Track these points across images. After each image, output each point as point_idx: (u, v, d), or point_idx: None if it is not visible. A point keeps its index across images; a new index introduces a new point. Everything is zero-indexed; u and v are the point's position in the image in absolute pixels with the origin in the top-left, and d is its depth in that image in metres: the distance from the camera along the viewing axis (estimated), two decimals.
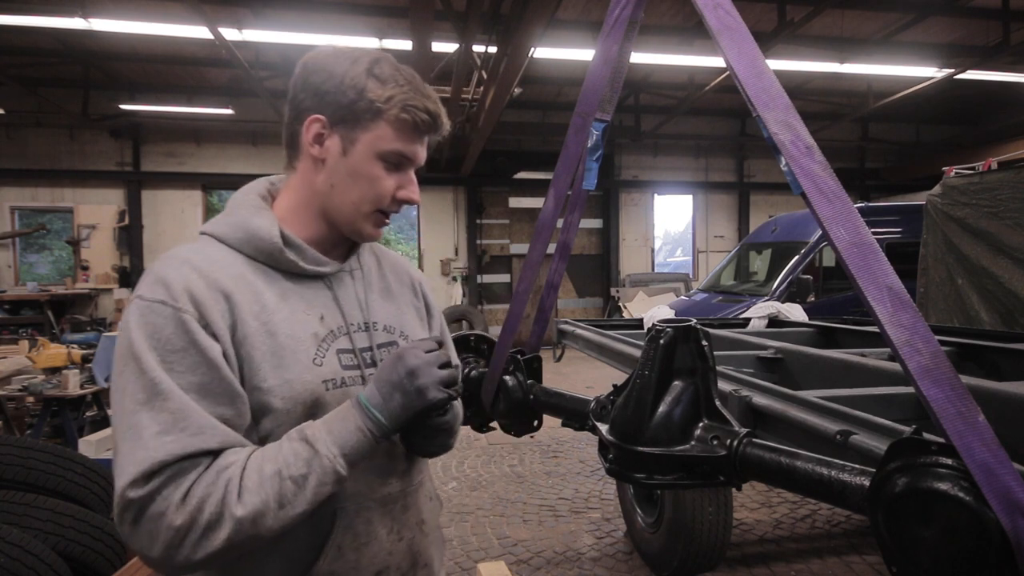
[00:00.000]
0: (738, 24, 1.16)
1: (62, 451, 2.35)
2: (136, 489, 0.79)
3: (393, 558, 1.04)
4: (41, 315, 10.54)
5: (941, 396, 0.85)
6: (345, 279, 1.08)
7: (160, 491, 0.80)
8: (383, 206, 1.02)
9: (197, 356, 0.86)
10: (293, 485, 0.85)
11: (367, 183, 1.00)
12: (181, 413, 0.83)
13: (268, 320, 0.94)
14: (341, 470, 0.89)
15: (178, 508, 0.80)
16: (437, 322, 1.27)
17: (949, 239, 4.72)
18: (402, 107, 0.98)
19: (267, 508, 0.83)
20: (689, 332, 1.16)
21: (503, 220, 13.36)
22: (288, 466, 0.85)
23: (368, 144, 0.98)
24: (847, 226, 0.99)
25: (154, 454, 0.80)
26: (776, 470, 0.99)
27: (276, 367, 0.93)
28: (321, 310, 1.02)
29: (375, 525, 1.02)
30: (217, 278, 0.92)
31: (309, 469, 0.86)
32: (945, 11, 8.47)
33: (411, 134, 1.00)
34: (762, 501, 4.39)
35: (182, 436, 0.82)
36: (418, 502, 1.11)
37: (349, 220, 1.03)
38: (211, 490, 0.81)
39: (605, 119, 1.82)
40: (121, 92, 11.19)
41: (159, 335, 0.85)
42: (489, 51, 7.42)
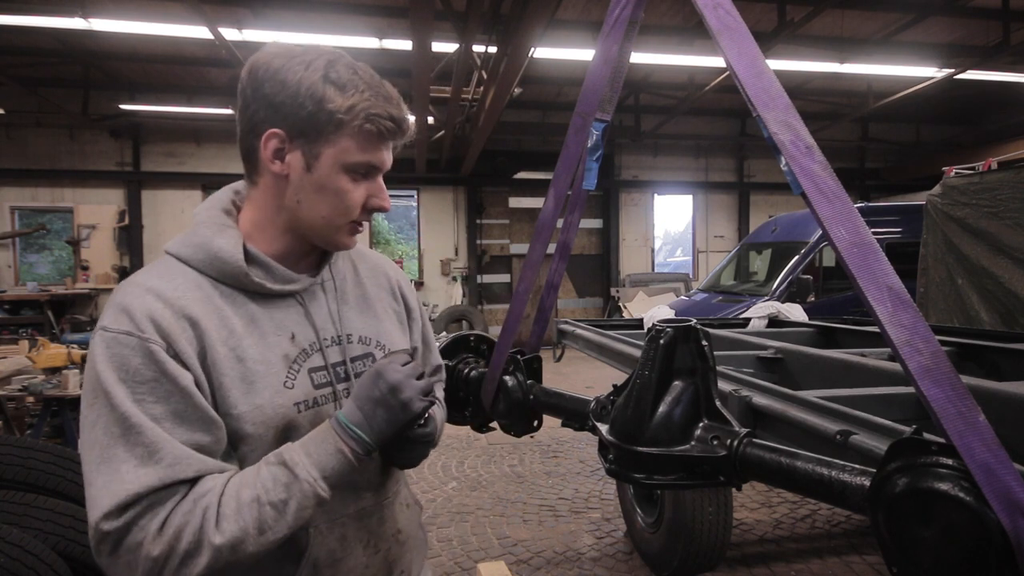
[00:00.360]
0: (738, 24, 1.16)
1: (62, 451, 2.35)
2: (110, 521, 0.78)
3: (369, 570, 1.05)
4: (41, 315, 10.54)
5: (941, 396, 0.85)
6: (318, 293, 1.04)
7: (136, 522, 0.79)
8: (354, 217, 0.99)
9: (169, 385, 0.84)
10: (273, 511, 0.83)
11: (336, 196, 0.95)
12: (155, 445, 0.81)
13: (236, 345, 0.91)
14: (322, 493, 0.88)
15: (155, 538, 0.79)
16: (418, 324, 1.25)
17: (949, 239, 4.72)
18: (365, 117, 0.92)
19: (246, 535, 0.82)
20: (689, 332, 1.16)
21: (503, 220, 13.36)
22: (267, 492, 0.84)
23: (332, 157, 0.93)
24: (847, 226, 0.99)
25: (129, 487, 0.79)
26: (776, 470, 0.99)
27: (246, 393, 0.91)
28: (292, 328, 0.99)
29: (350, 540, 1.01)
30: (183, 305, 0.89)
31: (289, 494, 0.85)
32: (945, 11, 8.47)
33: (376, 143, 0.95)
34: (762, 501, 4.39)
35: (158, 468, 0.80)
36: (394, 513, 1.11)
37: (321, 233, 0.99)
38: (188, 519, 0.80)
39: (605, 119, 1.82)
40: (121, 92, 11.19)
41: (127, 367, 0.83)
42: (489, 51, 7.42)
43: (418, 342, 1.25)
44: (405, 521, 1.14)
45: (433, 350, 1.32)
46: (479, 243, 13.13)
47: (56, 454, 2.30)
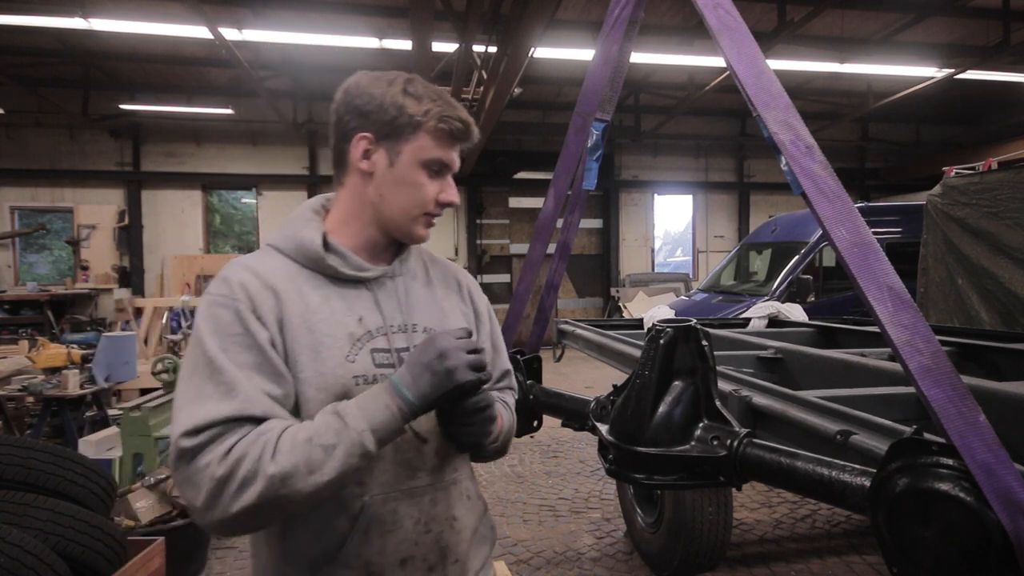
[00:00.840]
0: (738, 24, 1.16)
1: (62, 451, 2.34)
2: (188, 439, 0.92)
3: (419, 548, 1.10)
4: (41, 315, 10.54)
5: (942, 396, 0.85)
6: (387, 284, 1.16)
7: (207, 445, 0.92)
8: (429, 209, 1.12)
9: (250, 340, 0.99)
10: (322, 452, 0.92)
11: (413, 189, 1.11)
12: (233, 384, 0.95)
13: (309, 318, 1.05)
14: (368, 444, 0.95)
15: (220, 461, 0.90)
16: (487, 327, 1.32)
17: (949, 239, 4.72)
18: (439, 118, 1.09)
19: (297, 471, 0.91)
20: (689, 332, 1.16)
21: (503, 220, 13.36)
22: (320, 435, 0.93)
23: (411, 154, 1.09)
24: (847, 226, 0.99)
25: (207, 414, 0.93)
26: (776, 470, 0.99)
27: (312, 360, 1.03)
28: (361, 312, 1.11)
29: (401, 515, 1.09)
30: (269, 279, 1.06)
31: (338, 440, 0.93)
32: (945, 11, 8.47)
33: (448, 142, 1.11)
34: (762, 501, 4.39)
35: (233, 402, 0.94)
36: (450, 499, 1.16)
37: (400, 224, 1.13)
38: (249, 449, 0.91)
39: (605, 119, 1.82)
40: (121, 92, 11.19)
41: (219, 322, 1.00)
42: (489, 51, 7.42)
43: (486, 344, 1.30)
44: (463, 511, 1.18)
45: (502, 354, 1.36)
46: (479, 243, 13.13)
47: (56, 454, 2.30)
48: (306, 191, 12.81)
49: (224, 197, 14.25)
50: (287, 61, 10.36)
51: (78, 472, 2.31)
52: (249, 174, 12.70)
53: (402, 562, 1.08)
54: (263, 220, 12.91)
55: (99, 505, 2.34)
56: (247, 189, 13.30)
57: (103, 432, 4.25)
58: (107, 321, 10.60)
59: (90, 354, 5.15)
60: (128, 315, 9.76)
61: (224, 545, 3.77)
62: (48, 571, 1.91)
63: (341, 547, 1.04)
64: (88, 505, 2.28)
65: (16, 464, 2.18)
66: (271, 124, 11.86)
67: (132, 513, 3.09)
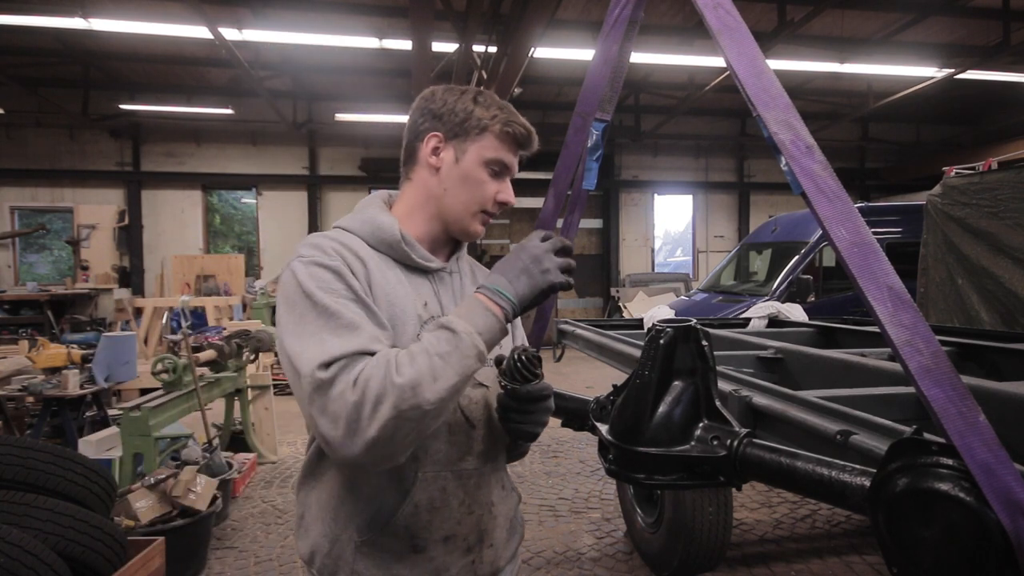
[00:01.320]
0: (738, 24, 1.16)
1: (62, 451, 2.34)
2: (322, 371, 0.95)
3: (461, 528, 1.16)
4: (41, 315, 10.54)
5: (942, 396, 0.85)
6: (445, 278, 1.25)
7: (339, 375, 0.95)
8: (487, 207, 1.20)
9: (351, 294, 1.04)
10: (441, 360, 0.96)
11: (474, 186, 1.18)
12: (355, 324, 1.00)
13: (390, 292, 1.12)
14: (480, 346, 0.99)
15: (353, 387, 0.94)
16: (519, 331, 1.41)
17: (949, 239, 4.72)
18: (504, 123, 1.17)
19: (422, 378, 0.94)
20: (689, 332, 1.16)
21: (503, 220, 13.36)
22: (434, 346, 0.98)
23: (476, 153, 1.17)
24: (847, 226, 0.99)
25: (334, 349, 0.97)
26: (776, 470, 0.99)
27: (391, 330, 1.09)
28: (425, 298, 1.18)
29: (449, 494, 1.15)
30: (356, 249, 1.13)
31: (452, 346, 0.97)
32: (945, 11, 8.47)
33: (511, 146, 1.19)
34: (762, 501, 4.39)
35: (357, 339, 0.99)
36: (490, 484, 1.23)
37: (458, 219, 1.20)
38: (375, 371, 0.95)
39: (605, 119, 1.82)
40: (121, 92, 11.19)
41: (321, 280, 1.04)
42: (489, 51, 7.42)
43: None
44: (498, 499, 1.25)
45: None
46: (479, 243, 13.13)
47: (56, 454, 2.30)
48: (306, 191, 12.82)
49: (224, 197, 14.26)
50: (287, 61, 10.36)
51: (78, 472, 2.31)
52: (249, 174, 12.71)
53: (445, 539, 1.14)
54: (263, 220, 12.91)
55: (99, 505, 2.34)
56: (247, 189, 13.30)
57: (103, 432, 4.26)
58: (107, 321, 10.60)
59: (90, 354, 5.15)
60: (128, 315, 9.77)
61: (224, 545, 3.77)
62: (48, 571, 1.91)
63: (391, 517, 1.10)
64: (88, 505, 2.28)
65: (16, 464, 2.18)
66: (271, 124, 11.86)
67: (132, 513, 3.09)
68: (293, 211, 12.83)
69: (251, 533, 3.94)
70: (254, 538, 3.87)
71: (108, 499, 2.42)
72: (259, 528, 4.02)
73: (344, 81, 11.13)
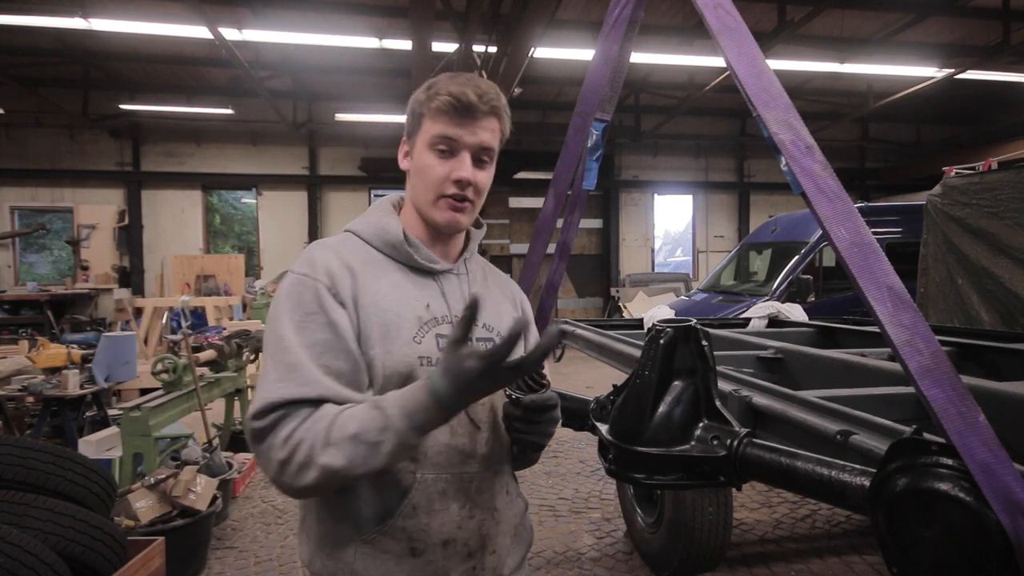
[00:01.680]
0: (738, 24, 1.16)
1: (62, 451, 2.34)
2: (256, 421, 1.00)
3: (462, 532, 1.13)
4: (41, 315, 10.54)
5: (942, 396, 0.85)
6: (453, 279, 1.23)
7: (272, 428, 1.00)
8: (443, 191, 1.14)
9: (324, 318, 1.06)
10: (368, 449, 0.97)
11: (424, 172, 1.14)
12: (294, 367, 1.02)
13: (382, 299, 1.11)
14: (411, 441, 0.98)
15: (281, 446, 0.98)
16: (533, 335, 1.37)
17: (949, 239, 4.72)
18: (432, 97, 1.13)
19: (344, 466, 0.97)
20: (689, 332, 1.16)
21: (503, 220, 13.36)
22: (366, 431, 0.97)
23: (421, 140, 1.15)
24: (847, 226, 0.99)
25: (269, 395, 1.00)
26: (776, 470, 0.99)
27: (382, 337, 1.09)
28: (428, 299, 1.17)
29: (449, 497, 1.13)
30: (348, 260, 1.13)
31: (382, 437, 0.97)
32: (945, 11, 8.47)
33: (449, 117, 1.12)
34: (762, 501, 4.39)
35: (290, 385, 1.01)
36: (493, 489, 1.19)
37: (424, 211, 1.17)
38: (306, 436, 0.98)
39: (605, 119, 1.82)
40: (121, 92, 11.19)
41: (300, 300, 1.07)
42: (489, 51, 7.42)
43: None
44: (503, 504, 1.21)
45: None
46: (479, 243, 13.12)
47: (56, 454, 2.30)
48: (306, 191, 12.82)
49: (224, 197, 14.26)
50: (287, 61, 10.36)
51: (78, 472, 2.31)
52: (249, 174, 12.71)
53: (444, 543, 1.12)
54: (263, 220, 12.92)
55: (99, 505, 2.34)
56: (247, 189, 13.31)
57: (103, 432, 4.25)
58: (107, 321, 10.61)
59: (90, 354, 5.14)
60: (128, 315, 9.76)
61: (224, 545, 3.77)
62: (48, 571, 1.91)
63: (390, 518, 1.09)
64: (88, 505, 2.28)
65: (16, 464, 2.18)
66: (271, 124, 11.86)
67: (132, 513, 3.09)
68: (293, 211, 12.83)
69: (251, 533, 3.94)
70: (254, 538, 3.87)
71: (108, 499, 2.42)
72: (259, 528, 4.02)
73: (344, 81, 11.13)
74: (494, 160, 1.20)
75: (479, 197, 1.18)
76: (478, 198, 1.17)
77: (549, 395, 1.08)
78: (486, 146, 1.15)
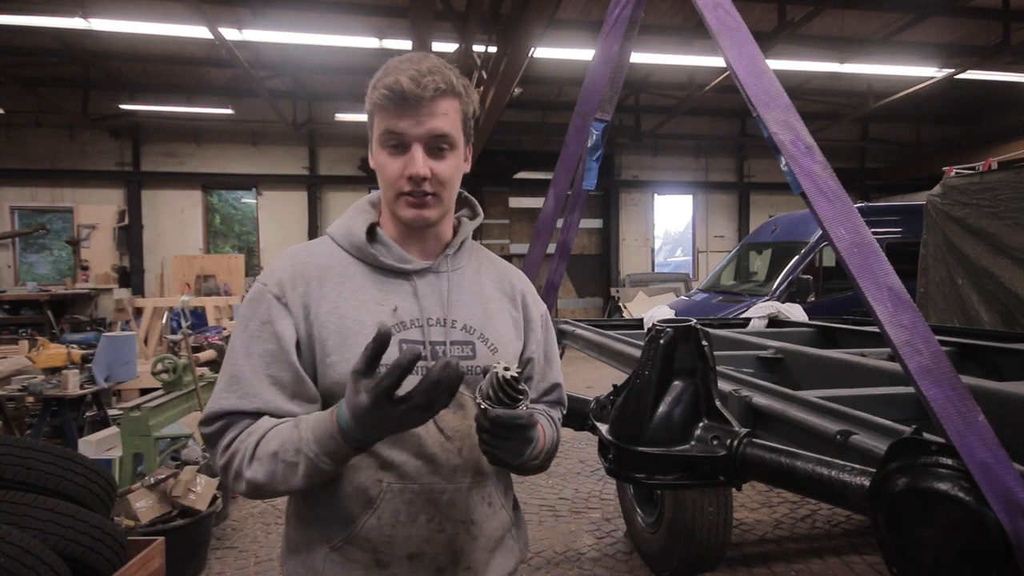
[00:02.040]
0: (738, 24, 1.16)
1: (62, 451, 2.34)
2: (203, 427, 1.06)
3: (430, 547, 1.08)
4: (41, 315, 10.54)
5: (941, 396, 0.85)
6: (431, 277, 1.15)
7: (216, 436, 1.05)
8: (399, 187, 1.08)
9: (271, 329, 1.06)
10: (286, 468, 0.98)
11: (381, 171, 1.10)
12: (238, 378, 1.04)
13: (340, 306, 1.08)
14: (323, 466, 0.97)
15: (222, 453, 1.03)
16: (538, 336, 1.27)
17: (949, 239, 4.72)
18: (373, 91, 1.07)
19: (267, 481, 1.00)
20: (689, 332, 1.16)
21: (503, 220, 13.36)
22: (284, 450, 0.98)
23: (374, 139, 1.10)
24: (847, 226, 0.99)
25: (214, 404, 1.05)
26: (776, 470, 0.99)
27: (339, 345, 1.06)
28: (397, 302, 1.11)
29: (416, 509, 1.07)
30: (309, 266, 1.11)
31: (297, 459, 0.97)
32: (945, 11, 8.47)
33: (391, 112, 1.05)
34: (762, 501, 4.39)
35: (232, 397, 1.04)
36: (469, 501, 1.11)
37: (392, 210, 1.12)
38: (240, 446, 1.01)
39: (605, 119, 1.82)
40: (121, 92, 11.19)
41: (255, 310, 1.08)
42: (489, 51, 7.42)
43: (535, 354, 1.26)
44: (482, 517, 1.13)
45: (554, 366, 1.31)
46: (479, 243, 13.12)
47: (56, 454, 2.30)
48: (306, 191, 12.82)
49: (224, 197, 14.26)
50: (287, 61, 10.36)
51: (78, 472, 2.31)
52: (249, 174, 12.71)
53: (410, 557, 1.07)
54: (263, 220, 12.92)
55: (99, 505, 2.34)
56: (247, 189, 13.31)
57: (103, 432, 4.25)
58: (107, 321, 10.61)
59: (90, 354, 5.14)
60: (128, 315, 9.76)
61: (224, 545, 3.77)
62: (48, 571, 1.91)
63: (356, 529, 1.06)
64: (88, 505, 2.28)
65: (16, 464, 2.18)
66: (271, 124, 11.86)
67: (132, 513, 3.09)
68: (293, 211, 12.83)
69: (251, 533, 3.94)
70: (254, 538, 3.87)
71: (108, 499, 2.41)
72: (259, 528, 4.02)
73: (344, 81, 11.13)
74: (457, 146, 1.09)
75: (444, 188, 1.09)
76: (443, 189, 1.08)
77: (518, 413, 0.96)
78: (438, 133, 1.05)
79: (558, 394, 1.32)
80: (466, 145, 1.14)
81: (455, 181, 1.12)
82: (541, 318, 1.29)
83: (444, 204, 1.11)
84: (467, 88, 1.11)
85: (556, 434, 1.23)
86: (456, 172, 1.11)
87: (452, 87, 1.06)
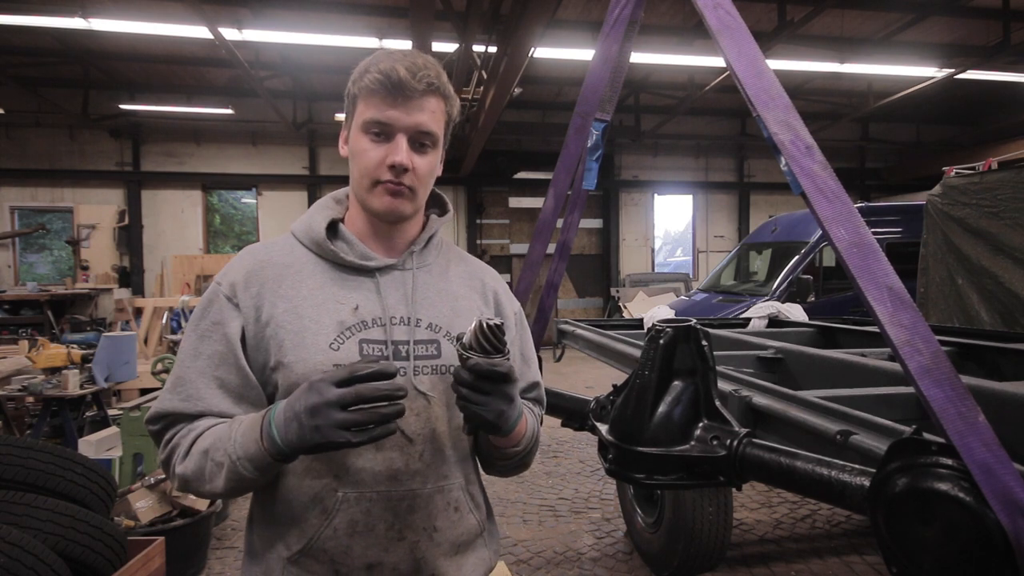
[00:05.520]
0: (738, 24, 1.16)
1: (62, 451, 2.34)
2: (149, 425, 1.08)
3: (389, 556, 1.04)
4: (41, 315, 10.53)
5: (941, 396, 0.85)
6: (396, 275, 1.12)
7: (159, 434, 1.07)
8: (377, 176, 1.05)
9: (222, 330, 1.05)
10: (213, 467, 0.99)
11: (359, 157, 1.06)
12: (181, 381, 1.05)
13: (299, 305, 1.06)
14: (245, 472, 0.96)
15: (163, 449, 1.06)
16: (512, 333, 1.21)
17: (949, 239, 4.72)
18: (363, 76, 1.05)
19: (195, 478, 1.01)
20: (689, 332, 1.17)
21: (503, 220, 13.36)
22: (214, 449, 0.99)
23: (355, 125, 1.07)
24: (847, 226, 0.99)
25: (157, 404, 1.06)
26: (776, 470, 0.99)
27: (296, 345, 1.04)
28: (358, 301, 1.08)
29: (374, 517, 1.03)
30: (263, 267, 1.09)
31: (223, 460, 0.97)
32: (945, 11, 8.47)
33: (380, 97, 1.04)
34: (762, 501, 4.39)
35: (174, 398, 1.05)
36: (431, 507, 1.07)
37: (363, 200, 1.09)
38: (180, 441, 1.03)
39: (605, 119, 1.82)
40: (121, 92, 11.19)
41: (207, 310, 1.07)
42: (489, 51, 7.42)
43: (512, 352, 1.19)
44: (445, 523, 1.09)
45: (531, 365, 1.27)
46: (479, 243, 13.13)
47: (56, 454, 2.30)
48: (306, 191, 12.82)
49: (224, 197, 14.25)
50: (287, 61, 10.36)
51: (78, 472, 2.31)
52: (249, 174, 12.70)
53: (368, 567, 1.03)
54: (263, 220, 12.91)
55: (99, 505, 2.34)
56: (247, 189, 13.30)
57: (103, 432, 4.25)
58: (107, 321, 10.60)
59: (90, 354, 5.14)
60: (128, 315, 9.76)
61: (224, 545, 3.77)
62: (48, 571, 1.91)
63: (313, 539, 1.02)
64: (88, 505, 2.28)
65: (16, 464, 2.18)
66: (271, 124, 11.86)
67: (132, 513, 3.09)
68: (293, 211, 12.82)
69: None
70: None
71: (108, 499, 2.41)
72: None
73: (344, 81, 11.02)
74: (438, 146, 1.09)
75: (421, 185, 1.07)
76: (420, 185, 1.07)
77: (498, 362, 0.95)
78: (424, 129, 1.04)
79: (537, 393, 1.29)
80: (443, 148, 1.13)
81: (431, 180, 1.10)
82: (515, 316, 1.25)
83: (418, 201, 1.09)
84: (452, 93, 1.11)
85: (537, 428, 1.21)
86: (433, 171, 1.10)
87: (443, 87, 1.07)
